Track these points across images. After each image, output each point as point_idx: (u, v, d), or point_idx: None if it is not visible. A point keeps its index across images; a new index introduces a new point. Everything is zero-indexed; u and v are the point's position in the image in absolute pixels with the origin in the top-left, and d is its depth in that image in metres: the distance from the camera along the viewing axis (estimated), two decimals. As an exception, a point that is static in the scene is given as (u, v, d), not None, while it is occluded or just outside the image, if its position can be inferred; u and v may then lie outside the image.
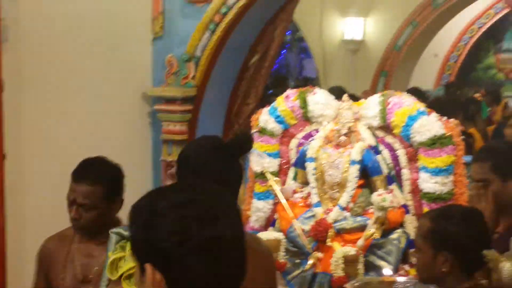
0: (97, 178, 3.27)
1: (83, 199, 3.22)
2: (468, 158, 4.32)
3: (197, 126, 5.73)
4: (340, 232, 4.39)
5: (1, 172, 4.68)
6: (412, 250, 3.98)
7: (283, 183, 4.79)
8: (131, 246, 1.71)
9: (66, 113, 4.82)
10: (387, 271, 4.23)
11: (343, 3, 8.82)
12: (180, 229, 1.58)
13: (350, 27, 8.89)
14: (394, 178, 4.47)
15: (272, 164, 4.78)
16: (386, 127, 4.44)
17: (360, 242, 4.39)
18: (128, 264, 2.64)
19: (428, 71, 9.27)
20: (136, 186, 3.10)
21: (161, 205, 1.63)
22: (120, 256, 2.73)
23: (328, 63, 9.06)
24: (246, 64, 5.87)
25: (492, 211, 3.25)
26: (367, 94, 6.92)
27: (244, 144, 2.92)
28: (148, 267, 1.59)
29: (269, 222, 4.72)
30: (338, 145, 4.53)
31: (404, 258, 4.40)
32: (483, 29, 9.61)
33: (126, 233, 2.74)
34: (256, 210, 4.77)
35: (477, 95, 8.16)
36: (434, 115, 4.43)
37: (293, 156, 4.83)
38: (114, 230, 2.82)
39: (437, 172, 4.25)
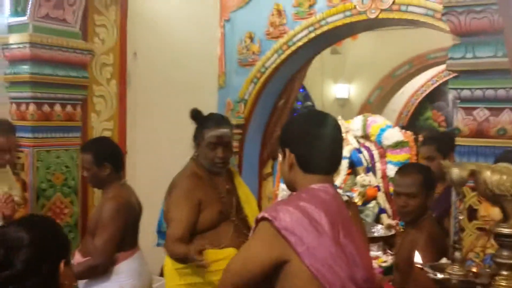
0: (88, 148, 3.07)
1: (83, 163, 3.08)
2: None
3: (244, 143, 5.63)
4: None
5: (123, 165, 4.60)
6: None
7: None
8: (278, 140, 1.85)
9: (166, 129, 4.76)
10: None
11: (335, 74, 8.79)
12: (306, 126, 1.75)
13: (340, 90, 8.84)
14: (370, 169, 4.59)
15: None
16: (366, 136, 4.57)
17: (349, 208, 4.56)
18: None
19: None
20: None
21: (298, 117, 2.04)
22: None
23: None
24: (276, 105, 5.79)
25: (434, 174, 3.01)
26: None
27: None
28: (287, 150, 1.74)
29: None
30: (335, 148, 4.70)
31: (376, 219, 4.52)
32: (424, 94, 9.68)
33: None
34: (282, 190, 4.85)
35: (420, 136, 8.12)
36: (396, 128, 4.58)
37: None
38: None
39: (398, 164, 4.20)
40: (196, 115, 2.92)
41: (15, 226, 1.46)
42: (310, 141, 1.71)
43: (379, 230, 3.96)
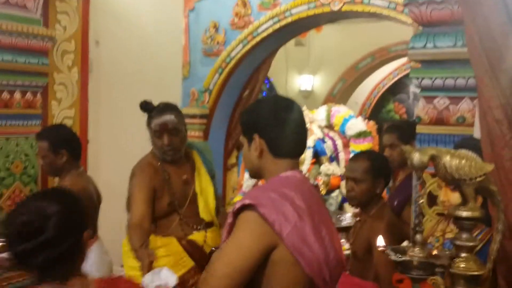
0: (44, 136, 3.02)
1: (39, 151, 3.03)
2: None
3: (209, 133, 5.63)
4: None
5: (85, 154, 4.39)
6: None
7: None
8: (243, 127, 1.78)
9: (129, 118, 4.30)
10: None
11: (300, 65, 8.81)
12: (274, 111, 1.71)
13: (304, 82, 8.85)
14: (334, 158, 4.65)
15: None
16: (330, 126, 4.61)
17: (313, 197, 4.59)
18: None
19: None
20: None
21: (263, 101, 1.93)
22: None
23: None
24: (241, 96, 5.80)
25: (395, 162, 3.17)
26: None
27: None
28: (256, 135, 1.70)
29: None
30: (299, 138, 4.73)
31: (339, 208, 4.58)
32: (386, 87, 9.78)
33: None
34: (246, 180, 4.86)
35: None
36: (359, 118, 4.64)
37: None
38: None
39: (361, 153, 4.37)
40: (145, 106, 2.91)
41: (44, 197, 1.61)
42: (281, 124, 1.70)
43: (347, 219, 4.01)
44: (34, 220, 1.50)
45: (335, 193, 4.50)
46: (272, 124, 1.70)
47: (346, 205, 4.45)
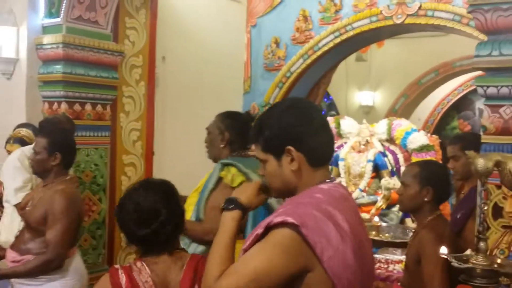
0: (45, 133, 2.89)
1: (35, 145, 2.81)
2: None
3: None
4: (359, 206, 4.42)
5: (150, 165, 4.58)
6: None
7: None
8: (267, 143, 1.52)
9: (192, 131, 4.47)
10: (376, 218, 4.01)
11: (360, 81, 8.74)
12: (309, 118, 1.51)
13: (364, 97, 8.76)
14: (395, 172, 4.57)
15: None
16: (391, 139, 4.54)
17: (372, 211, 4.46)
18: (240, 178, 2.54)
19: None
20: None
21: (287, 109, 1.52)
22: (226, 174, 2.60)
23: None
24: None
25: (459, 174, 3.00)
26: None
27: None
28: (291, 148, 1.48)
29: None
30: (359, 151, 4.67)
31: (400, 223, 4.46)
32: (450, 103, 9.50)
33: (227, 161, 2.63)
34: None
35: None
36: (422, 132, 4.54)
37: (331, 159, 4.94)
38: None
39: (423, 168, 4.25)
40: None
41: (148, 186, 1.88)
42: (317, 130, 1.50)
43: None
44: (151, 207, 1.80)
45: (396, 208, 4.39)
46: (309, 132, 1.49)
47: (408, 220, 4.34)
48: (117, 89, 4.27)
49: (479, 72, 2.87)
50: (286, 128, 1.49)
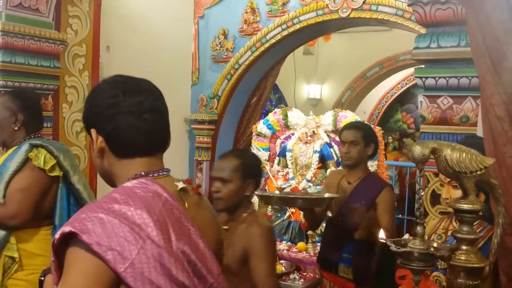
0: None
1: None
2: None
3: (217, 139, 5.65)
4: (306, 196, 4.49)
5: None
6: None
7: (271, 166, 4.88)
8: (85, 120, 1.37)
9: None
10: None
11: (308, 74, 8.78)
12: (111, 97, 1.32)
13: (312, 90, 8.80)
14: (340, 163, 4.62)
15: (264, 155, 4.87)
16: (336, 131, 4.59)
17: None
18: None
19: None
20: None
21: (101, 85, 1.38)
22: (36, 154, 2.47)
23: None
24: (249, 102, 5.82)
25: (353, 159, 2.92)
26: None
27: None
28: (93, 131, 1.33)
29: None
30: (306, 142, 4.69)
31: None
32: (394, 96, 9.71)
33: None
34: None
35: (390, 138, 8.12)
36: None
37: (277, 150, 4.90)
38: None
39: (367, 158, 4.34)
40: None
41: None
42: (120, 113, 1.30)
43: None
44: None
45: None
46: (110, 115, 1.30)
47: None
48: (59, 79, 4.12)
49: (422, 67, 2.95)
50: (92, 108, 1.34)
